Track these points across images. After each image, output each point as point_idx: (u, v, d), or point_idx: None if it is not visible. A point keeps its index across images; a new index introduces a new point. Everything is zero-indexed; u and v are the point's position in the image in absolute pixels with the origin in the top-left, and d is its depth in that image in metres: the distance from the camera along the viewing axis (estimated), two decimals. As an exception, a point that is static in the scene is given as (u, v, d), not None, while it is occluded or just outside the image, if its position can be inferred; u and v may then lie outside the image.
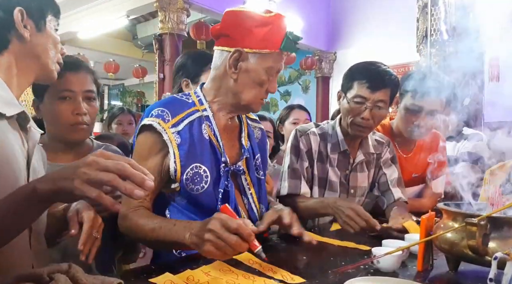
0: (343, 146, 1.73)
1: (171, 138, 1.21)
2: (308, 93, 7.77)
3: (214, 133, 1.29)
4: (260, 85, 1.27)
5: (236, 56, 1.24)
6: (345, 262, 1.14)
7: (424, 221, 1.09)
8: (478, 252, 0.94)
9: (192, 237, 1.02)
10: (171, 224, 1.11)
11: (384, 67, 1.64)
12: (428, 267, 1.10)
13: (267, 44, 1.23)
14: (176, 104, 1.29)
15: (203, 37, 5.42)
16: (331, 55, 7.12)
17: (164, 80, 4.95)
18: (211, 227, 0.96)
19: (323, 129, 1.79)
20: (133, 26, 7.93)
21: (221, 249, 0.96)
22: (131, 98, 10.22)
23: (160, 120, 1.22)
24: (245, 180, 1.35)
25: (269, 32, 1.23)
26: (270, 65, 1.25)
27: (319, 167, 1.74)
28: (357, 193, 1.78)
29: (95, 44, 7.87)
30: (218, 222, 0.97)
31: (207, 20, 5.81)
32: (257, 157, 1.41)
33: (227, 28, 1.26)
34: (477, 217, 0.94)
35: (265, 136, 1.53)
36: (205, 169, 1.24)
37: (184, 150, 1.22)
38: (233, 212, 1.04)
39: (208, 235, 0.96)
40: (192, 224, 1.07)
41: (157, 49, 4.96)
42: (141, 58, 8.16)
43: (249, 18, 1.23)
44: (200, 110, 1.30)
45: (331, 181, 1.74)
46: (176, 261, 1.15)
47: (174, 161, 1.21)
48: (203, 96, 1.33)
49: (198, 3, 5.10)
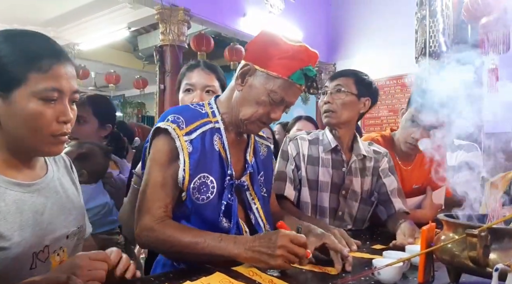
0: (333, 143, 1.79)
1: (183, 146, 1.22)
2: (308, 104, 7.79)
3: (224, 146, 1.30)
4: (259, 105, 1.25)
5: (246, 70, 1.26)
6: (345, 273, 1.13)
7: (424, 232, 1.09)
8: (479, 263, 0.94)
9: (249, 252, 1.09)
10: (216, 238, 1.13)
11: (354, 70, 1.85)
12: (429, 279, 1.10)
13: (278, 69, 1.22)
14: (190, 113, 1.29)
15: (204, 49, 5.46)
16: (330, 67, 7.15)
17: (164, 91, 4.97)
18: (283, 244, 1.06)
19: (314, 135, 1.87)
20: (134, 37, 7.99)
21: (290, 261, 1.08)
22: (132, 109, 10.25)
23: (175, 126, 1.23)
24: (249, 195, 1.34)
25: (284, 58, 1.22)
26: (274, 89, 1.23)
27: (310, 169, 1.79)
28: (349, 196, 1.79)
29: (96, 55, 7.91)
30: (287, 238, 1.07)
31: (208, 32, 5.85)
32: (261, 175, 1.40)
33: (251, 43, 1.29)
34: (478, 228, 0.94)
35: (271, 154, 1.53)
36: (212, 180, 1.25)
37: (194, 159, 1.22)
38: (288, 227, 1.18)
39: (280, 251, 1.06)
40: (242, 239, 1.13)
41: (157, 61, 4.99)
42: (142, 69, 8.20)
43: (272, 39, 1.24)
44: (212, 122, 1.30)
45: (321, 181, 1.78)
46: (176, 272, 1.14)
47: (184, 169, 1.21)
48: (216, 108, 1.34)
49: (198, 15, 5.14)
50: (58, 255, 1.03)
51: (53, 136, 0.98)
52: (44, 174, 1.07)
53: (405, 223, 1.59)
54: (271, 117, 1.28)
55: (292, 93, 1.26)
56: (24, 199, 0.97)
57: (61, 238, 1.04)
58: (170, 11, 4.83)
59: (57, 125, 0.98)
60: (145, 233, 1.18)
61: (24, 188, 0.98)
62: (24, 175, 1.01)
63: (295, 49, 1.23)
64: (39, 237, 0.98)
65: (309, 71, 1.24)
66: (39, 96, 0.94)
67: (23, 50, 0.94)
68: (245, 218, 1.33)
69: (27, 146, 0.98)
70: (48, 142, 0.98)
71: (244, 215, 1.34)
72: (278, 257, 1.06)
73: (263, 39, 1.26)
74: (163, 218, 1.19)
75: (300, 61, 1.23)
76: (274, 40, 1.24)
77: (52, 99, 0.95)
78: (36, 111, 0.94)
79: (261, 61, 1.24)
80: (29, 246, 0.95)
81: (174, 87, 2.01)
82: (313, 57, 1.27)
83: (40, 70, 0.93)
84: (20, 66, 0.92)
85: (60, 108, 0.97)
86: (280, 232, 1.09)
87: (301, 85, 1.26)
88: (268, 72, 1.23)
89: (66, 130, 1.00)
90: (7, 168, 0.98)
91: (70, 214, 1.09)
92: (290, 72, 1.23)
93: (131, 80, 8.41)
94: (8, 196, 0.94)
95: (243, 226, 1.30)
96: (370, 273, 1.07)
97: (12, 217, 0.93)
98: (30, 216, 0.97)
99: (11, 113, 0.94)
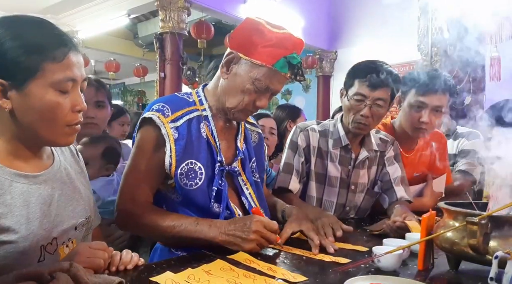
0: (344, 141, 1.74)
1: (169, 133, 1.23)
2: (309, 92, 7.77)
3: (212, 133, 1.31)
4: (244, 93, 1.26)
5: (230, 58, 1.27)
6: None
7: (425, 220, 1.09)
8: (478, 251, 0.94)
9: (223, 236, 1.16)
10: (193, 222, 1.19)
11: (386, 67, 1.65)
12: (429, 266, 1.10)
13: (262, 57, 1.22)
14: (176, 101, 1.31)
15: (204, 36, 5.42)
16: (332, 54, 7.10)
17: (165, 79, 4.93)
18: (257, 229, 1.15)
19: (324, 126, 1.81)
20: (133, 25, 7.93)
21: (261, 244, 1.17)
22: (132, 97, 10.22)
23: (160, 114, 1.24)
24: (242, 181, 1.36)
25: (268, 46, 1.22)
26: (258, 78, 1.24)
27: (318, 163, 1.76)
28: (357, 189, 1.78)
29: (96, 43, 7.84)
30: (261, 224, 1.16)
31: (208, 19, 5.80)
32: (253, 161, 1.42)
33: (236, 31, 1.29)
34: (478, 216, 0.94)
35: (262, 140, 1.54)
36: (200, 166, 1.26)
37: (180, 145, 1.24)
38: (263, 213, 1.26)
39: (254, 236, 1.14)
40: (218, 223, 1.19)
41: (157, 48, 4.95)
42: (142, 57, 8.14)
43: (256, 27, 1.24)
44: (199, 110, 1.32)
45: (330, 176, 1.75)
46: (177, 260, 1.15)
47: (170, 156, 1.23)
48: (203, 96, 1.35)
49: (198, 2, 5.08)
50: (67, 246, 1.02)
51: (68, 126, 0.97)
52: (51, 164, 1.05)
53: (397, 207, 1.60)
54: (257, 104, 1.29)
55: (276, 81, 1.26)
56: (31, 191, 0.95)
57: (69, 229, 1.03)
58: (170, -3, 4.78)
59: (72, 115, 0.96)
60: (125, 218, 1.24)
61: (30, 180, 0.96)
62: (30, 166, 0.99)
63: (279, 37, 1.23)
64: (46, 229, 0.96)
65: (293, 59, 1.23)
66: (56, 87, 0.92)
67: (35, 40, 0.91)
68: (239, 203, 1.36)
69: (41, 137, 0.96)
70: (63, 132, 0.97)
71: (238, 200, 1.36)
72: (252, 241, 1.14)
73: (248, 27, 1.26)
74: (142, 204, 1.23)
75: (285, 49, 1.23)
76: (258, 28, 1.23)
77: (67, 89, 0.94)
78: (54, 102, 0.92)
79: (245, 49, 1.24)
80: (37, 239, 0.94)
81: (174, 75, 2.00)
82: (298, 44, 1.26)
83: (55, 59, 0.91)
84: (34, 57, 0.89)
85: (74, 97, 0.96)
86: (254, 218, 1.17)
87: (286, 73, 1.25)
88: (252, 60, 1.23)
89: (80, 119, 0.99)
90: (13, 160, 0.97)
91: (78, 204, 1.07)
92: (274, 60, 1.23)
93: (131, 68, 8.35)
94: (14, 188, 0.92)
95: (235, 210, 1.31)
96: (370, 260, 1.08)
97: (19, 210, 0.92)
98: (37, 209, 0.95)
99: (27, 105, 0.91)
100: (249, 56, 1.23)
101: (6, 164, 0.94)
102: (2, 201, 0.90)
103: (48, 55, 0.90)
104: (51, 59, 0.91)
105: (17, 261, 0.90)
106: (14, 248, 0.90)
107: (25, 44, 0.90)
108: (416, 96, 1.85)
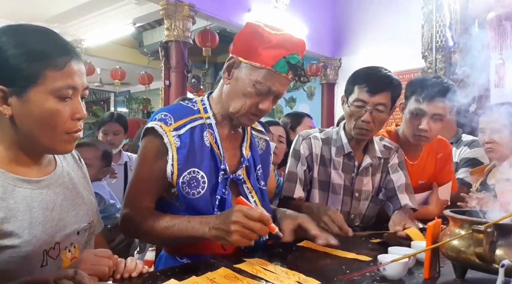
0: (347, 149, 1.73)
1: (171, 141, 1.24)
2: (313, 99, 7.78)
3: (216, 141, 1.30)
4: (246, 97, 1.26)
5: (231, 63, 1.27)
6: (350, 269, 1.13)
7: (430, 228, 1.08)
8: (485, 259, 0.93)
9: (212, 231, 1.10)
10: (185, 220, 1.17)
11: (385, 72, 1.66)
12: (435, 275, 1.10)
13: (261, 59, 1.22)
14: (180, 110, 1.32)
15: (209, 44, 5.45)
16: (336, 62, 7.12)
17: (170, 87, 4.96)
18: (236, 219, 1.05)
19: (327, 134, 1.81)
20: (139, 33, 7.99)
21: (247, 236, 1.05)
22: (137, 105, 10.27)
23: (162, 123, 1.25)
24: (246, 189, 1.35)
25: (267, 48, 1.22)
26: (258, 80, 1.23)
27: (321, 170, 1.75)
28: (362, 197, 1.78)
29: (102, 51, 7.92)
30: (240, 213, 1.06)
31: (213, 28, 5.84)
32: (258, 168, 1.41)
33: (237, 36, 1.30)
34: (484, 224, 0.94)
35: (269, 147, 1.53)
36: (203, 175, 1.26)
37: (183, 154, 1.24)
38: (248, 203, 1.15)
39: (234, 226, 1.05)
40: (208, 219, 1.14)
41: (163, 56, 4.98)
42: (147, 65, 8.20)
43: (255, 31, 1.24)
44: (203, 118, 1.32)
45: (333, 184, 1.75)
46: (181, 267, 1.15)
47: (172, 164, 1.23)
48: (208, 105, 1.35)
49: (203, 10, 5.13)
50: (69, 251, 1.03)
51: (67, 133, 0.97)
52: (53, 169, 1.06)
53: (395, 214, 1.59)
54: (260, 108, 1.27)
55: (278, 83, 1.25)
56: (34, 196, 0.97)
57: (72, 234, 1.04)
58: (175, 6, 4.82)
59: (71, 123, 0.97)
60: (127, 224, 1.25)
61: (33, 185, 0.98)
62: (33, 171, 1.00)
63: (278, 38, 1.23)
64: (49, 234, 0.97)
65: (293, 58, 1.23)
66: (57, 94, 0.93)
67: (36, 47, 0.92)
68: None
69: (40, 144, 0.97)
70: (62, 140, 0.97)
71: None
72: (233, 232, 1.05)
73: (247, 31, 1.27)
74: (143, 210, 1.24)
75: (284, 49, 1.23)
76: (257, 31, 1.24)
77: (67, 97, 0.95)
78: (54, 109, 0.93)
79: (245, 52, 1.25)
80: (40, 243, 0.94)
81: (179, 83, 2.01)
82: (299, 44, 1.26)
83: (56, 67, 0.92)
84: (35, 64, 0.90)
85: (74, 105, 0.97)
86: (234, 208, 1.09)
87: (286, 74, 1.25)
88: (251, 63, 1.23)
89: (80, 127, 1.00)
90: (16, 166, 0.97)
91: (80, 209, 1.08)
92: (274, 61, 1.22)
93: (137, 76, 8.41)
94: (17, 193, 0.93)
95: None
96: (376, 269, 1.07)
97: (22, 214, 0.92)
98: (40, 213, 0.96)
99: (27, 111, 0.92)
100: (249, 59, 1.23)
101: (8, 169, 0.95)
102: (5, 205, 0.91)
103: (49, 63, 0.91)
104: (53, 66, 0.92)
105: (20, 265, 0.91)
106: (17, 252, 0.90)
107: (27, 51, 0.91)
108: (416, 104, 1.85)
